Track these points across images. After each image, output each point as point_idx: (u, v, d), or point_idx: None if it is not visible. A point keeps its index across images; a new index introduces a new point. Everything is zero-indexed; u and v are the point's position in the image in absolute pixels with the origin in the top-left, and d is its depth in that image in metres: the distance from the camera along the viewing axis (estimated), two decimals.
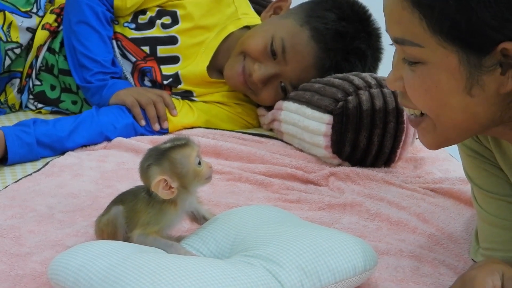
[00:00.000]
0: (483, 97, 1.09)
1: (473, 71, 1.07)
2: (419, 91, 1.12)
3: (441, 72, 1.09)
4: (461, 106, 1.10)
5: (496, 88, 1.07)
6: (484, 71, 1.06)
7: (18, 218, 1.49)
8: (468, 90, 1.08)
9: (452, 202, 1.65)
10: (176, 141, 1.31)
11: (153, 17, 2.10)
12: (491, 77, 1.07)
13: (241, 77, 2.04)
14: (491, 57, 1.05)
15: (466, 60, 1.06)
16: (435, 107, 1.12)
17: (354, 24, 1.99)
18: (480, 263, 1.15)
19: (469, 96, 1.09)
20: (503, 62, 1.06)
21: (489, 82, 1.07)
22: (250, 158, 1.85)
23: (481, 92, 1.08)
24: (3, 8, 2.06)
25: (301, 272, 1.17)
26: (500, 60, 1.05)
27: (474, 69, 1.07)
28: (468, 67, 1.07)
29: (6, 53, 2.05)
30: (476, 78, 1.07)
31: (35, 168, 1.76)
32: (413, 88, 1.13)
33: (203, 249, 1.30)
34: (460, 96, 1.09)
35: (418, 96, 1.13)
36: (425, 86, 1.11)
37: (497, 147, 1.26)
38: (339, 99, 1.81)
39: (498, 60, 1.05)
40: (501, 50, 1.04)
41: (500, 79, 1.07)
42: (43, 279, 1.27)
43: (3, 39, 2.04)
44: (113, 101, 2.00)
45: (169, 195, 1.28)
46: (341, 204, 1.62)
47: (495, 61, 1.05)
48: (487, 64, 1.06)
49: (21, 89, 2.13)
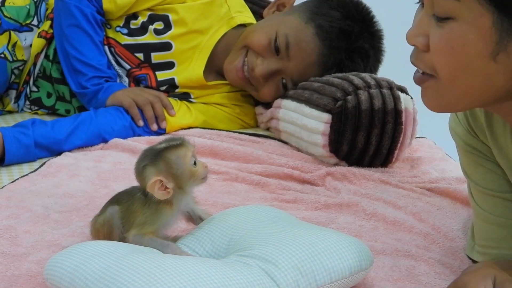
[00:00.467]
0: (507, 66, 1.06)
1: (504, 36, 1.04)
2: (444, 48, 1.09)
3: (471, 31, 1.06)
4: (482, 70, 1.07)
5: None
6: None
7: (14, 219, 1.49)
8: (494, 55, 1.06)
9: (448, 202, 1.65)
10: (171, 141, 1.31)
11: (145, 22, 2.09)
12: None
13: (240, 72, 2.04)
14: None
15: (500, 23, 1.04)
16: (456, 68, 1.09)
17: (359, 24, 1.99)
18: (473, 268, 1.15)
19: (493, 61, 1.06)
20: None
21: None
22: (247, 158, 1.85)
23: (506, 59, 1.06)
24: (8, 28, 2.05)
25: (297, 272, 1.17)
26: None
27: (506, 34, 1.04)
28: (499, 31, 1.04)
29: (12, 71, 2.05)
30: (504, 43, 1.05)
31: (31, 168, 1.76)
32: (439, 45, 1.09)
33: (199, 249, 1.30)
34: (484, 60, 1.07)
35: (442, 53, 1.09)
36: (451, 44, 1.08)
37: (494, 141, 1.25)
38: (338, 99, 1.81)
39: None
40: None
41: None
42: (39, 279, 1.26)
43: (9, 59, 2.04)
44: (110, 102, 1.99)
45: (165, 195, 1.28)
46: (337, 204, 1.62)
47: None
48: None
49: (18, 96, 2.13)
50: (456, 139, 1.34)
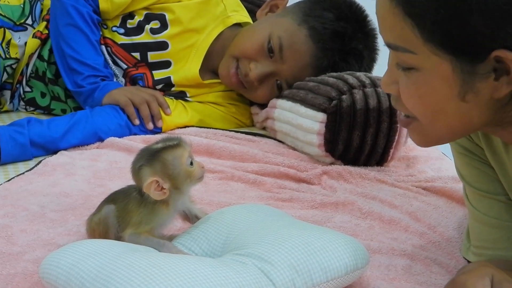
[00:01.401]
0: (477, 102, 1.08)
1: (467, 78, 1.06)
2: (413, 97, 1.12)
3: (435, 79, 1.08)
4: (455, 111, 1.10)
5: (490, 93, 1.07)
6: (478, 78, 1.06)
7: (10, 217, 1.48)
8: (462, 96, 1.08)
9: (444, 201, 1.66)
10: (168, 141, 1.30)
11: (141, 21, 2.08)
12: (485, 83, 1.06)
13: (234, 77, 2.04)
14: (485, 64, 1.04)
15: (460, 67, 1.06)
16: (429, 113, 1.12)
17: (352, 24, 1.99)
18: (470, 267, 1.15)
19: (464, 101, 1.08)
20: (497, 68, 1.05)
21: (483, 88, 1.06)
22: (243, 157, 1.85)
23: (475, 97, 1.08)
24: (2, 25, 2.05)
25: (292, 270, 1.17)
26: (494, 66, 1.05)
27: (468, 76, 1.06)
28: (461, 74, 1.06)
29: (4, 69, 2.04)
30: (470, 84, 1.06)
31: (27, 167, 1.76)
32: (407, 94, 1.13)
33: (195, 248, 1.30)
34: (454, 102, 1.09)
35: (413, 102, 1.13)
36: (419, 93, 1.11)
37: (488, 145, 1.26)
38: (333, 98, 1.82)
39: (492, 67, 1.05)
40: (495, 57, 1.04)
41: (494, 84, 1.06)
42: (35, 278, 1.26)
43: (2, 55, 2.03)
44: (106, 101, 1.99)
45: (161, 196, 1.28)
46: (333, 202, 1.62)
47: (489, 67, 1.05)
48: (481, 71, 1.05)
49: (12, 96, 2.13)
50: None
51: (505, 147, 1.22)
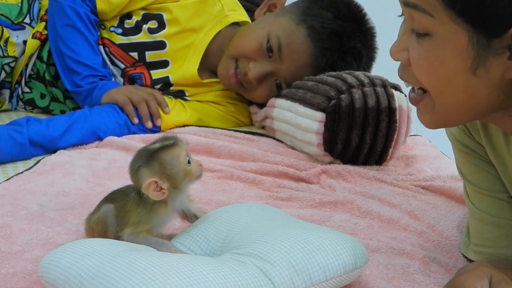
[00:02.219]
0: (488, 79, 1.07)
1: (481, 51, 1.05)
2: (423, 65, 1.10)
3: (448, 48, 1.07)
4: (464, 85, 1.08)
5: (502, 72, 1.06)
6: (492, 53, 1.05)
7: (9, 216, 1.48)
8: (473, 70, 1.07)
9: (443, 200, 1.66)
10: (165, 141, 1.30)
11: (139, 21, 2.08)
12: (498, 60, 1.05)
13: (233, 78, 2.04)
14: (501, 40, 1.04)
15: (476, 39, 1.05)
16: (437, 84, 1.10)
17: (350, 23, 1.98)
18: (469, 267, 1.15)
19: (474, 76, 1.07)
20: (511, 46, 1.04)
21: (495, 65, 1.06)
22: (242, 156, 1.85)
23: (486, 74, 1.06)
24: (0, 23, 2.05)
25: (291, 269, 1.17)
26: (509, 44, 1.04)
27: (482, 50, 1.05)
28: (476, 47, 1.05)
29: (2, 67, 2.04)
30: (483, 59, 1.05)
31: (26, 166, 1.76)
32: (418, 62, 1.11)
33: (194, 247, 1.30)
34: (465, 75, 1.07)
35: (422, 70, 1.11)
36: (430, 61, 1.09)
37: (488, 142, 1.26)
38: (332, 97, 1.81)
39: (507, 44, 1.04)
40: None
41: (507, 63, 1.05)
42: (34, 277, 1.26)
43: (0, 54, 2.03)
44: (105, 100, 1.99)
45: (160, 196, 1.28)
46: (332, 202, 1.62)
47: (504, 44, 1.04)
48: (496, 46, 1.04)
49: (11, 96, 2.13)
50: (452, 138, 1.34)
51: (507, 145, 1.22)
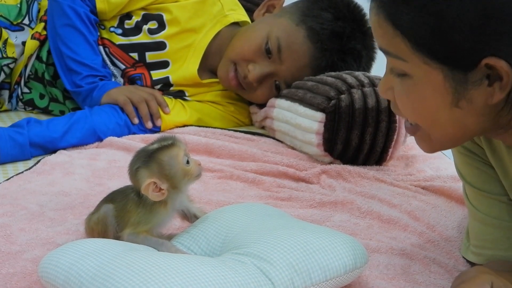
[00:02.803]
0: (472, 109, 1.08)
1: (459, 86, 1.06)
2: (407, 104, 1.13)
3: (426, 87, 1.09)
4: (450, 119, 1.10)
5: (484, 100, 1.07)
6: (470, 85, 1.06)
7: (9, 216, 1.48)
8: (455, 104, 1.08)
9: (443, 200, 1.65)
10: (163, 141, 1.30)
11: (139, 22, 2.08)
12: (479, 90, 1.06)
13: (234, 80, 2.04)
14: (476, 71, 1.05)
15: (451, 76, 1.06)
16: (424, 121, 1.13)
17: (350, 24, 1.98)
18: (470, 274, 1.15)
19: (457, 108, 1.08)
20: (489, 74, 1.05)
21: (476, 95, 1.07)
22: (242, 156, 1.85)
23: (469, 105, 1.08)
24: None
25: (291, 270, 1.17)
26: (486, 73, 1.05)
27: (460, 84, 1.06)
28: (453, 83, 1.06)
29: (1, 68, 2.04)
30: (462, 92, 1.07)
31: (26, 166, 1.76)
32: (402, 101, 1.13)
33: (194, 247, 1.30)
34: (447, 110, 1.09)
35: (407, 109, 1.13)
36: (412, 100, 1.11)
37: (488, 144, 1.26)
38: (332, 97, 1.81)
39: (484, 74, 1.05)
40: (486, 65, 1.04)
41: (487, 90, 1.06)
42: (34, 277, 1.26)
43: None
44: (105, 100, 1.99)
45: (160, 197, 1.28)
46: (332, 202, 1.62)
47: (481, 75, 1.05)
48: (473, 78, 1.05)
49: (10, 96, 2.12)
50: None
51: (507, 147, 1.22)
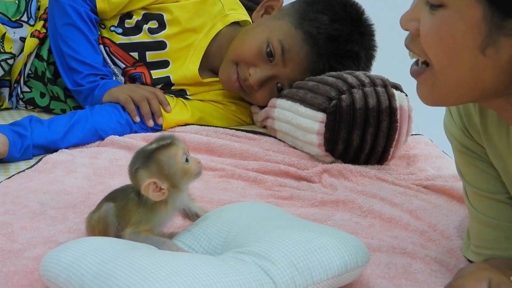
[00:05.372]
0: (495, 61, 1.06)
1: (494, 29, 1.04)
2: (433, 37, 1.09)
3: (461, 21, 1.06)
4: (471, 63, 1.07)
5: (510, 56, 1.05)
6: (504, 33, 1.04)
7: (11, 215, 1.48)
8: (482, 48, 1.06)
9: (445, 199, 1.66)
10: (161, 141, 1.29)
11: (139, 21, 2.08)
12: (508, 42, 1.04)
13: (236, 83, 2.04)
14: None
15: (490, 16, 1.04)
16: (444, 57, 1.09)
17: (347, 26, 1.97)
18: (468, 270, 1.15)
19: (482, 55, 1.06)
20: None
21: (505, 46, 1.05)
22: (243, 155, 1.85)
23: (495, 54, 1.06)
24: None
25: (293, 268, 1.17)
26: None
27: (495, 28, 1.04)
28: (489, 24, 1.04)
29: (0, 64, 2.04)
30: (494, 38, 1.04)
31: (28, 164, 1.76)
32: (428, 33, 1.09)
33: (195, 245, 1.30)
34: (473, 53, 1.06)
35: (431, 42, 1.09)
36: (441, 33, 1.08)
37: (488, 142, 1.25)
38: (333, 98, 1.81)
39: None
40: None
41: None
42: (35, 275, 1.26)
43: None
44: (106, 99, 1.99)
45: (160, 196, 1.27)
46: (333, 201, 1.62)
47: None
48: (509, 26, 1.03)
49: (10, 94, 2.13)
50: (451, 139, 1.34)
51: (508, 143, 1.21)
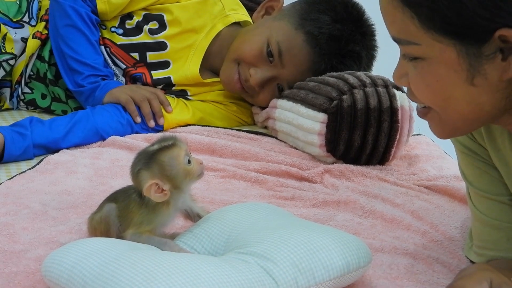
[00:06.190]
0: (487, 86, 1.07)
1: (473, 61, 1.05)
2: (421, 86, 1.12)
3: (440, 66, 1.08)
4: (465, 97, 1.09)
5: (499, 75, 1.06)
6: (484, 60, 1.05)
7: (12, 215, 1.48)
8: (470, 81, 1.07)
9: (446, 200, 1.65)
10: (163, 142, 1.29)
11: (140, 22, 2.08)
12: (493, 65, 1.05)
13: (238, 84, 2.04)
14: (489, 44, 1.04)
15: (465, 51, 1.05)
16: (439, 101, 1.11)
17: (348, 26, 1.97)
18: (469, 271, 1.15)
19: (472, 86, 1.07)
20: (503, 48, 1.04)
21: (491, 70, 1.06)
22: (245, 155, 1.85)
23: (484, 81, 1.07)
24: None
25: (295, 269, 1.17)
26: (499, 46, 1.04)
27: (474, 59, 1.05)
28: (467, 58, 1.05)
29: (1, 64, 2.04)
30: (477, 67, 1.06)
31: (29, 165, 1.76)
32: (416, 84, 1.12)
33: (197, 246, 1.30)
34: (463, 88, 1.08)
35: (421, 91, 1.12)
36: (427, 82, 1.10)
37: (491, 144, 1.25)
38: (334, 98, 1.81)
39: (497, 47, 1.04)
40: (499, 37, 1.03)
41: (501, 65, 1.05)
42: (37, 276, 1.26)
43: None
44: (107, 99, 1.99)
45: (162, 197, 1.27)
46: (335, 201, 1.62)
47: (494, 48, 1.04)
48: (487, 52, 1.04)
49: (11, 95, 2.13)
50: (454, 140, 1.34)
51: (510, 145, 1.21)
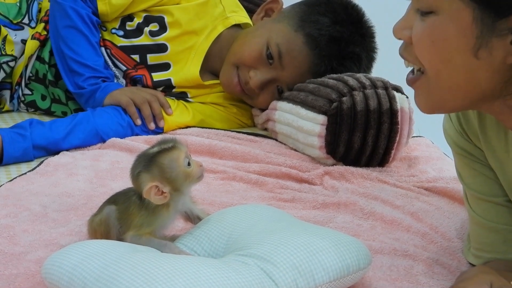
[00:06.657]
0: (488, 62, 1.07)
1: (485, 31, 1.05)
2: (426, 41, 1.10)
3: (452, 25, 1.07)
4: (464, 66, 1.08)
5: (503, 56, 1.06)
6: (495, 34, 1.05)
7: (12, 217, 1.48)
8: (475, 51, 1.06)
9: (446, 201, 1.66)
10: (163, 144, 1.29)
11: (140, 23, 2.08)
12: (501, 43, 1.05)
13: (238, 86, 2.04)
14: (506, 21, 1.04)
15: (480, 18, 1.05)
16: (438, 62, 1.10)
17: (348, 28, 1.97)
18: (469, 274, 1.15)
19: (475, 57, 1.07)
20: None
21: (497, 47, 1.05)
22: (245, 157, 1.85)
23: (488, 56, 1.06)
24: None
25: (295, 271, 1.17)
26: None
27: (486, 30, 1.05)
28: (480, 26, 1.05)
29: (1, 66, 2.04)
30: (486, 39, 1.05)
31: (29, 167, 1.76)
32: (420, 38, 1.11)
33: (197, 248, 1.30)
34: (466, 55, 1.07)
35: (423, 47, 1.11)
36: (433, 38, 1.09)
37: (487, 145, 1.25)
38: (334, 100, 1.81)
39: (511, 27, 1.04)
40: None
41: (509, 47, 1.05)
42: (37, 278, 1.26)
43: None
44: (107, 101, 1.99)
45: (162, 200, 1.27)
46: (335, 203, 1.62)
47: (509, 26, 1.04)
48: (501, 27, 1.04)
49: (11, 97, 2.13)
50: (450, 142, 1.34)
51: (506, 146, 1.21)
